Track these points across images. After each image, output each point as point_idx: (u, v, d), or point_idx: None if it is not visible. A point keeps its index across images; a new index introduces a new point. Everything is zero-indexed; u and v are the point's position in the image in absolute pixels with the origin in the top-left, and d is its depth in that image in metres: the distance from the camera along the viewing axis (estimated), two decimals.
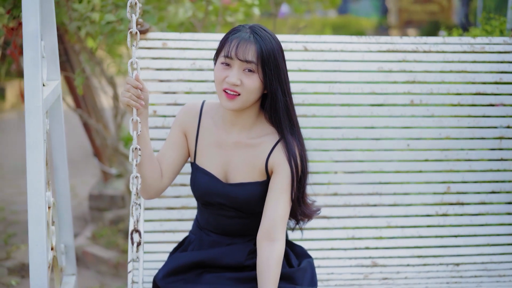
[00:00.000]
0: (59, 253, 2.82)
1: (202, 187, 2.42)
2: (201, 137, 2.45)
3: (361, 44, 3.08)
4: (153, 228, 2.98)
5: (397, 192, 3.08)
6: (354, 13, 19.30)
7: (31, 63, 2.18)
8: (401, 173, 3.08)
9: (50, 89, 2.43)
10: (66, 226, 2.90)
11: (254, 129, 2.40)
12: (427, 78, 3.05)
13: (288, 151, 2.34)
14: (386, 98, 3.04)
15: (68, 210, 2.88)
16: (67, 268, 2.95)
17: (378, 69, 3.04)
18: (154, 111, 2.95)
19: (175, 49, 2.99)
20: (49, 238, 2.47)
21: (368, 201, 3.07)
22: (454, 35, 3.62)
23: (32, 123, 2.18)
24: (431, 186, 3.09)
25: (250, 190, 2.39)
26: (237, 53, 2.24)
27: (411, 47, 3.08)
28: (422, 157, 3.07)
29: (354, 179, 3.06)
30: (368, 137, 3.05)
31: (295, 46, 3.04)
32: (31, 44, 2.19)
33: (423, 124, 3.06)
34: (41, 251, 2.14)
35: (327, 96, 3.02)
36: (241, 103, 2.29)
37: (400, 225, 3.07)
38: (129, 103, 2.28)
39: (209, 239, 2.50)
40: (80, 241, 4.67)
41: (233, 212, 2.43)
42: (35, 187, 2.15)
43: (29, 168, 2.16)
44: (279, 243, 2.30)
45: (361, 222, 3.06)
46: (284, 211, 2.33)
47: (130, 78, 2.29)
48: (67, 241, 2.91)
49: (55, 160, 2.80)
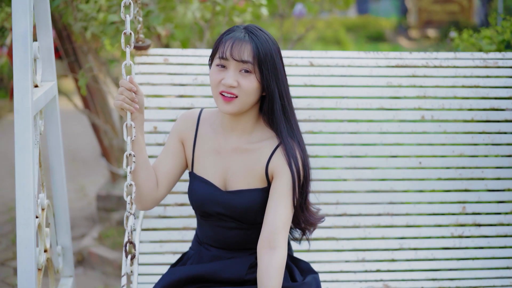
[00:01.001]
0: (55, 255, 2.74)
1: (199, 195, 2.29)
2: (199, 144, 2.33)
3: (369, 59, 2.98)
4: (152, 250, 2.84)
5: (410, 213, 2.93)
6: (374, 13, 19.19)
7: (20, 64, 2.12)
8: (413, 193, 2.93)
9: (43, 90, 2.36)
10: (63, 228, 2.83)
11: (254, 134, 2.29)
12: (438, 93, 2.93)
13: (287, 154, 2.22)
14: (395, 113, 2.92)
15: (65, 211, 2.81)
16: (65, 270, 2.88)
17: (387, 84, 2.93)
18: (155, 127, 2.85)
19: (176, 64, 2.91)
20: (42, 240, 2.40)
21: (379, 222, 2.92)
22: (464, 36, 3.51)
23: (21, 125, 2.12)
24: (445, 206, 2.94)
25: (250, 197, 2.26)
26: (232, 53, 2.14)
27: (421, 62, 2.97)
28: (435, 176, 2.93)
29: (363, 198, 2.92)
30: (377, 155, 2.92)
31: (300, 62, 2.95)
32: (21, 45, 2.13)
33: (435, 141, 2.93)
34: (30, 254, 2.08)
35: (334, 112, 2.91)
36: (238, 106, 2.18)
37: (413, 247, 2.91)
38: (123, 106, 2.17)
39: (209, 254, 2.36)
40: (87, 241, 4.61)
41: (233, 223, 2.30)
42: (23, 189, 2.09)
43: (18, 170, 2.10)
44: (280, 251, 2.15)
45: (372, 244, 2.91)
46: (286, 217, 2.19)
47: (123, 80, 2.18)
48: (65, 243, 2.84)
49: (52, 161, 2.74)
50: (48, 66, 2.59)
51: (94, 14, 3.49)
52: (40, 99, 2.32)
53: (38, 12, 2.50)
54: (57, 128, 2.72)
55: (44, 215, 2.49)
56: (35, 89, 2.35)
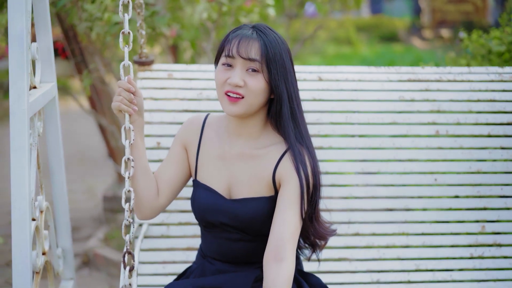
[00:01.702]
0: (54, 257, 2.65)
1: (202, 204, 2.16)
2: (203, 151, 2.21)
3: (380, 74, 2.88)
4: (154, 271, 2.70)
5: (426, 232, 2.78)
6: (388, 13, 19.07)
7: (16, 65, 2.06)
8: (429, 211, 2.79)
9: (41, 92, 2.29)
10: (63, 230, 2.76)
11: (260, 139, 2.16)
12: (453, 108, 2.82)
13: (296, 159, 2.08)
14: (409, 128, 2.80)
15: (65, 213, 2.74)
16: (65, 272, 2.79)
17: (400, 98, 2.82)
18: (158, 143, 2.74)
19: (181, 79, 2.82)
20: (40, 243, 2.33)
21: (394, 242, 2.77)
22: (474, 36, 3.41)
23: (16, 126, 2.05)
24: (464, 226, 2.79)
25: (255, 206, 2.12)
26: (239, 50, 2.03)
27: (434, 76, 2.87)
28: (452, 193, 2.79)
29: (377, 217, 2.78)
30: (391, 171, 2.79)
31: (309, 76, 2.85)
32: (17, 46, 2.07)
33: (451, 157, 2.80)
34: (25, 258, 2.02)
35: (344, 127, 2.79)
36: (245, 107, 2.06)
37: (431, 268, 2.75)
38: (120, 108, 2.06)
39: (212, 268, 2.21)
40: (93, 243, 4.52)
41: (237, 234, 2.16)
42: (19, 192, 2.02)
43: (13, 173, 2.04)
44: (288, 263, 1.99)
45: (387, 265, 2.75)
46: (294, 227, 2.04)
47: (121, 81, 2.08)
48: (65, 245, 2.76)
49: (51, 163, 2.67)
50: (47, 67, 2.53)
51: (99, 15, 3.44)
52: (38, 100, 2.25)
53: (37, 13, 2.44)
54: (57, 129, 2.65)
55: (43, 217, 2.41)
56: (34, 90, 2.29)
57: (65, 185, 2.74)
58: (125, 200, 2.07)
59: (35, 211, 2.25)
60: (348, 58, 11.32)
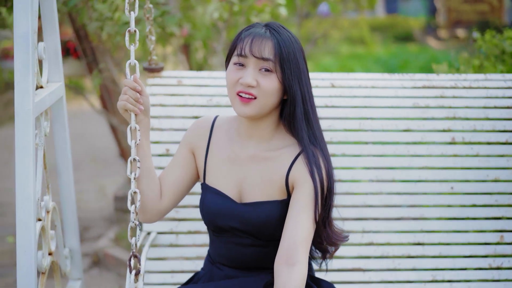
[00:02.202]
0: (62, 257, 2.61)
1: (211, 208, 2.09)
2: (211, 153, 2.15)
3: (393, 80, 2.83)
4: (163, 281, 2.63)
5: (443, 242, 2.70)
6: (403, 13, 18.89)
7: (21, 65, 2.03)
8: (445, 220, 2.71)
9: (47, 91, 2.26)
10: (71, 230, 2.72)
11: (273, 141, 2.09)
12: (469, 114, 2.75)
13: (310, 162, 2.02)
14: (423, 135, 2.73)
15: (73, 213, 2.70)
16: (73, 272, 2.75)
17: (414, 105, 2.76)
18: (167, 150, 2.69)
19: (190, 86, 2.78)
20: (46, 243, 2.29)
21: (409, 251, 2.68)
22: (487, 37, 3.34)
23: (21, 126, 2.03)
24: (482, 235, 2.70)
25: (267, 210, 2.05)
26: (252, 49, 1.97)
27: (449, 83, 2.81)
28: (469, 202, 2.71)
29: (392, 226, 2.70)
30: (405, 179, 2.71)
31: (321, 83, 2.80)
32: (22, 46, 2.04)
33: (467, 165, 2.72)
34: (29, 259, 2.00)
35: (357, 134, 2.73)
36: (257, 108, 1.99)
37: (448, 279, 2.66)
38: (126, 107, 2.01)
39: (221, 274, 2.14)
40: (103, 243, 4.50)
41: (248, 239, 2.09)
42: (23, 192, 2.00)
43: (18, 173, 2.01)
44: (300, 268, 1.91)
45: (402, 275, 2.67)
46: (307, 231, 1.97)
47: (127, 80, 2.03)
48: (72, 245, 2.72)
49: (59, 163, 2.63)
50: (54, 67, 2.50)
51: (109, 14, 3.42)
52: (44, 100, 2.22)
53: (43, 12, 2.42)
54: (64, 129, 2.61)
55: (49, 217, 2.38)
56: (40, 90, 2.25)
57: (72, 185, 2.71)
58: (131, 201, 2.02)
59: (41, 211, 2.22)
60: (362, 58, 11.24)
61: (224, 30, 4.10)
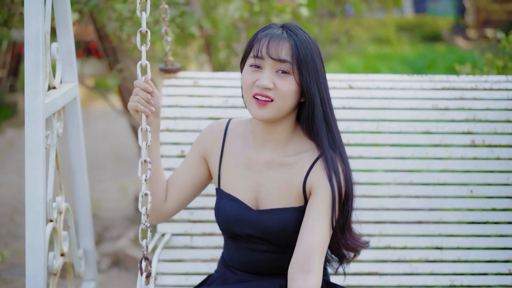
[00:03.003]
0: (75, 258, 2.61)
1: (227, 215, 2.06)
2: (226, 158, 2.12)
3: (412, 82, 2.78)
4: (177, 283, 2.62)
5: (461, 246, 2.65)
6: (432, 13, 18.65)
7: (32, 66, 2.03)
8: (464, 224, 2.66)
9: (60, 92, 2.25)
10: (85, 231, 2.71)
11: (290, 146, 2.05)
12: (490, 117, 2.70)
13: (328, 167, 1.97)
14: (442, 138, 2.68)
15: (87, 214, 2.69)
16: (87, 273, 2.74)
17: (433, 107, 2.71)
18: (182, 151, 2.68)
19: (206, 87, 2.76)
20: (58, 244, 2.29)
21: (427, 256, 2.64)
22: (511, 37, 3.27)
23: (31, 127, 2.02)
24: (501, 240, 2.65)
25: (284, 217, 2.01)
26: (269, 51, 1.94)
27: (469, 85, 2.76)
28: (489, 206, 2.66)
29: (409, 230, 2.66)
30: (424, 182, 2.67)
31: (339, 84, 2.77)
32: (33, 46, 2.04)
33: (487, 168, 2.67)
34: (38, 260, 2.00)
35: (375, 136, 2.70)
36: (274, 111, 1.96)
37: (466, 284, 2.62)
38: (137, 108, 1.98)
39: (235, 278, 2.12)
40: (123, 243, 4.52)
41: (264, 246, 2.05)
42: (32, 194, 1.99)
43: (27, 174, 2.00)
44: (315, 276, 1.88)
45: (419, 280, 2.62)
46: (323, 238, 1.93)
47: (138, 81, 2.01)
48: (87, 246, 2.71)
49: (73, 164, 2.63)
50: (68, 68, 2.49)
51: (129, 15, 3.41)
52: (56, 101, 2.21)
53: (57, 13, 2.41)
54: (78, 130, 2.60)
55: (62, 218, 2.38)
56: (52, 91, 2.25)
57: (87, 186, 2.70)
58: (141, 203, 2.00)
59: (53, 212, 2.21)
60: (388, 58, 11.10)
61: (244, 30, 4.07)
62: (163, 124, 2.70)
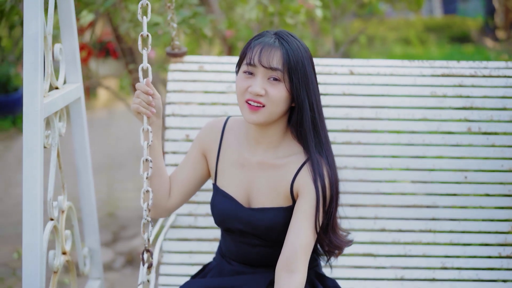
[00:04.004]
0: (80, 257, 2.70)
1: (221, 211, 2.19)
2: (223, 156, 2.23)
3: (413, 68, 2.84)
4: (181, 260, 2.77)
5: (454, 230, 2.75)
6: (462, 13, 18.42)
7: (30, 67, 2.07)
8: (458, 209, 2.76)
9: (61, 92, 2.31)
10: (90, 230, 2.78)
11: (280, 148, 2.16)
12: (487, 104, 2.76)
13: (314, 170, 2.08)
14: (439, 125, 2.76)
15: (92, 213, 2.76)
16: (92, 272, 2.83)
17: (431, 94, 2.78)
18: (187, 135, 2.79)
19: (211, 72, 2.85)
20: (59, 242, 2.36)
21: (421, 238, 2.75)
22: None
23: (29, 127, 2.07)
24: (493, 224, 2.75)
25: (273, 216, 2.14)
26: (261, 59, 2.03)
27: (469, 71, 2.81)
28: (482, 191, 2.75)
29: (404, 213, 2.76)
30: (420, 168, 2.76)
31: (340, 70, 2.84)
32: (31, 48, 2.08)
33: (482, 154, 2.75)
34: (35, 258, 2.04)
35: (374, 122, 2.78)
36: (265, 116, 2.05)
37: (457, 266, 2.73)
38: (139, 110, 2.10)
39: (230, 268, 2.26)
40: (138, 242, 4.63)
41: (256, 240, 2.18)
42: (30, 192, 2.04)
43: (25, 173, 2.05)
44: (299, 276, 2.01)
45: (412, 261, 2.74)
46: (307, 240, 2.05)
47: (140, 84, 2.11)
48: (92, 245, 2.80)
49: (78, 163, 2.69)
50: (72, 68, 2.55)
51: None
52: (57, 101, 2.27)
53: (61, 13, 2.46)
54: (83, 130, 2.67)
55: (63, 217, 2.44)
56: (53, 91, 2.31)
57: (92, 185, 2.76)
58: (143, 199, 2.13)
59: (53, 211, 2.27)
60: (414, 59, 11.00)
61: (258, 31, 4.08)
62: (169, 109, 2.80)
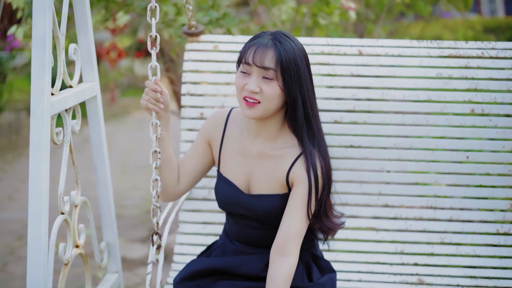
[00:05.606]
0: (96, 251, 2.84)
1: (223, 196, 2.39)
2: (225, 145, 2.41)
3: (421, 48, 2.92)
4: (196, 230, 2.98)
5: (454, 207, 2.88)
6: None
7: (38, 65, 2.17)
8: (458, 187, 2.88)
9: (73, 91, 2.43)
10: (108, 225, 2.91)
11: (278, 140, 2.33)
12: (491, 86, 2.84)
13: (307, 161, 2.26)
14: (443, 106, 2.86)
15: (110, 209, 2.89)
16: (110, 266, 2.98)
17: (437, 76, 2.87)
18: (201, 113, 2.95)
19: (225, 51, 2.98)
20: (71, 236, 2.50)
21: (421, 214, 2.90)
22: None
23: (36, 123, 2.17)
24: (492, 202, 2.87)
25: (270, 202, 2.32)
26: (255, 59, 2.18)
27: (476, 52, 2.88)
28: (483, 171, 2.86)
29: (406, 190, 2.90)
30: (422, 147, 2.88)
31: (349, 50, 2.94)
32: (39, 47, 2.17)
33: (484, 135, 2.85)
34: (38, 249, 2.15)
35: (380, 103, 2.89)
36: (261, 112, 2.22)
37: (455, 242, 2.88)
38: (148, 106, 2.29)
39: (233, 248, 2.46)
40: (171, 238, 4.67)
41: (255, 223, 2.38)
42: (36, 186, 2.15)
43: (31, 168, 2.16)
44: (291, 259, 2.21)
45: (412, 236, 2.90)
46: (300, 226, 2.25)
47: (149, 81, 2.29)
48: (110, 239, 2.94)
49: (95, 161, 2.82)
50: (88, 68, 2.66)
51: (171, 16, 3.57)
52: (67, 99, 2.37)
53: (76, 14, 2.56)
54: (99, 127, 2.77)
55: (77, 211, 2.56)
56: (65, 90, 2.42)
57: (109, 181, 2.86)
58: (152, 187, 2.33)
59: (65, 206, 2.37)
60: None
61: (291, 32, 4.11)
62: (185, 88, 2.96)
